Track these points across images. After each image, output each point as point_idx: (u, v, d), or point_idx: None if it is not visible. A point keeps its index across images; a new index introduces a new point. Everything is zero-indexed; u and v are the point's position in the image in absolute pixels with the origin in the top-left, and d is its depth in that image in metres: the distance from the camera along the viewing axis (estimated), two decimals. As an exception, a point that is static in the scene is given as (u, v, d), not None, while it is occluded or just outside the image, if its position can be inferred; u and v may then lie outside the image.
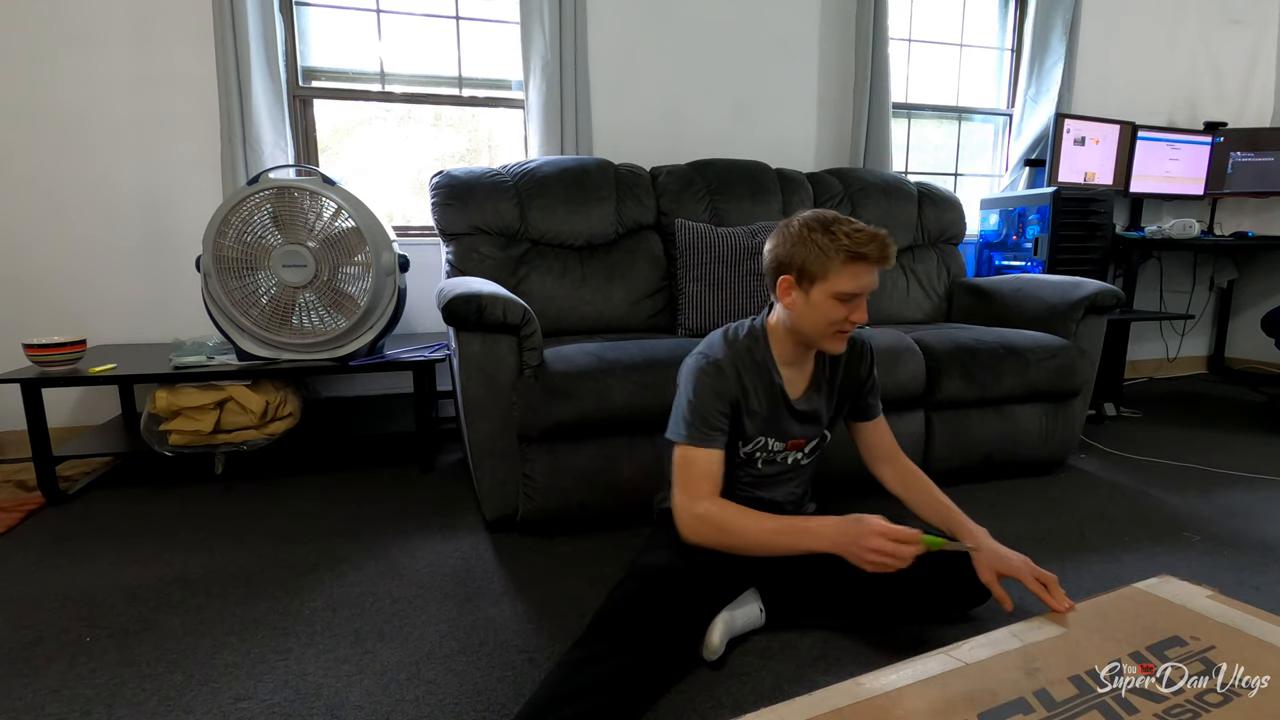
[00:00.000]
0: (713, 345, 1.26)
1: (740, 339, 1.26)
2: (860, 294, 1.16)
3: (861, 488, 1.83)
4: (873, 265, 1.15)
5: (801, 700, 0.84)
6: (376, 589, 1.41)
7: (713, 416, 1.20)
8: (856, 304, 1.17)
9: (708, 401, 1.20)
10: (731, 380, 1.22)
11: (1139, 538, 1.65)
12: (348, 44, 2.52)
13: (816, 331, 1.20)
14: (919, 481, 1.33)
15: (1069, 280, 2.18)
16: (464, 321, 1.53)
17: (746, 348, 1.25)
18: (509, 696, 1.07)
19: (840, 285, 1.15)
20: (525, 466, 1.61)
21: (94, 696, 1.08)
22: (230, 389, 1.95)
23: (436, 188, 2.21)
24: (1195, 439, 2.50)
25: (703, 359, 1.23)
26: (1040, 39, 3.11)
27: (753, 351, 1.25)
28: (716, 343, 1.26)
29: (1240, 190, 3.38)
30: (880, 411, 1.40)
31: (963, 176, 3.35)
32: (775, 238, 1.22)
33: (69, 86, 2.21)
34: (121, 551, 1.59)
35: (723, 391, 1.21)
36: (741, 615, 1.21)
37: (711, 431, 1.20)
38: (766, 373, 1.25)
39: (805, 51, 2.90)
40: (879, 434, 1.39)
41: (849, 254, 1.14)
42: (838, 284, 1.15)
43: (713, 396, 1.20)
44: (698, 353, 1.26)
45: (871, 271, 1.16)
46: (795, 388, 1.28)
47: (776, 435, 1.29)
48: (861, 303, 1.18)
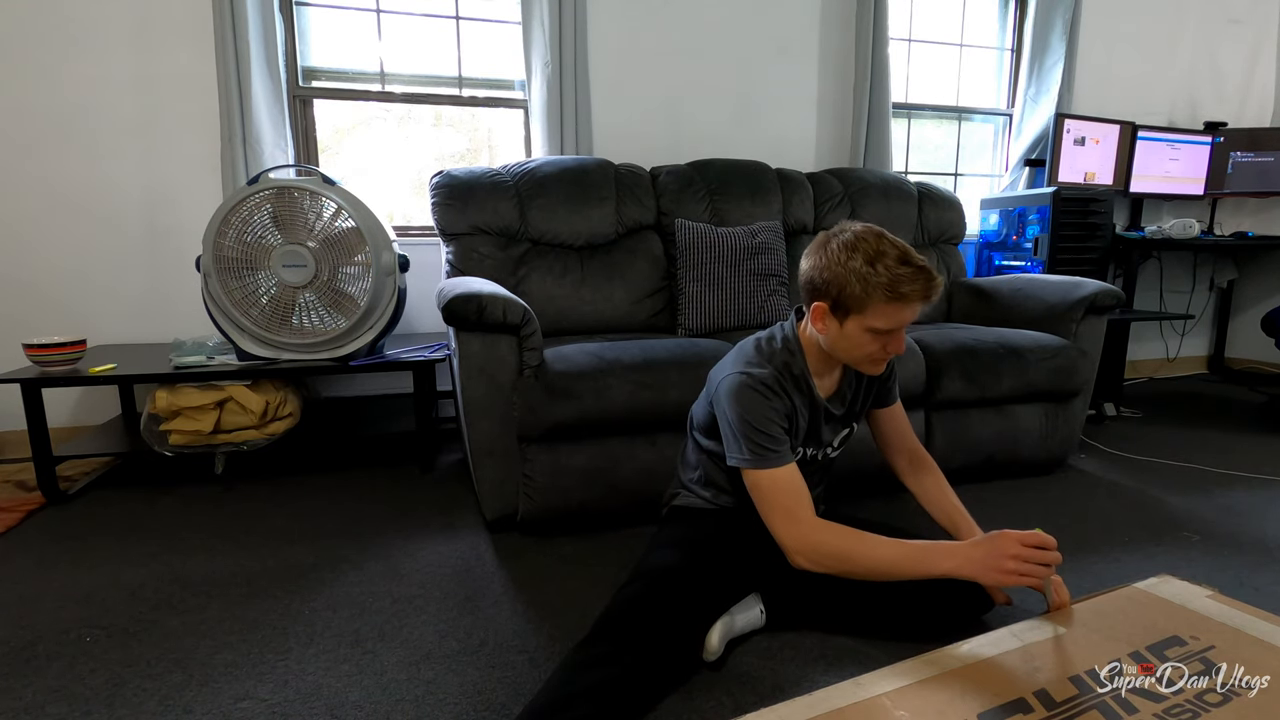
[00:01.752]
0: (750, 362, 1.19)
1: (778, 353, 1.20)
2: (899, 328, 1.11)
3: (864, 487, 1.84)
4: (915, 306, 1.09)
5: (801, 700, 0.84)
6: (376, 589, 1.41)
7: (777, 432, 1.14)
8: (894, 337, 1.12)
9: (767, 420, 1.14)
10: (783, 396, 1.17)
11: (1139, 538, 1.65)
12: (348, 44, 2.52)
13: (850, 359, 1.16)
14: (931, 476, 1.32)
15: (1069, 280, 2.18)
16: (464, 321, 1.53)
17: (785, 363, 1.20)
18: (509, 697, 1.07)
19: (877, 322, 1.09)
20: (525, 466, 1.61)
21: (94, 696, 1.08)
22: (230, 389, 1.95)
23: (436, 188, 2.21)
24: (1195, 439, 2.49)
25: (746, 378, 1.15)
26: (1040, 39, 3.11)
27: (790, 366, 1.20)
28: (753, 358, 1.19)
29: (1240, 190, 3.38)
30: (898, 398, 1.38)
31: (963, 176, 3.35)
32: (814, 256, 1.15)
33: (70, 86, 2.21)
34: (121, 551, 1.59)
35: (779, 407, 1.16)
36: (742, 618, 1.20)
37: (780, 447, 1.14)
38: (806, 385, 1.21)
39: (805, 51, 2.90)
40: (895, 421, 1.37)
41: (890, 293, 1.06)
42: (874, 320, 1.09)
43: (770, 413, 1.14)
44: (738, 371, 1.17)
45: (914, 309, 1.09)
46: (826, 390, 1.26)
47: (815, 444, 1.27)
48: (899, 335, 1.12)
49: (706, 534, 1.22)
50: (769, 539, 1.21)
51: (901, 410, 1.38)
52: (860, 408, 1.33)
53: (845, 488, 1.78)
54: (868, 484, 1.83)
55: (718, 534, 1.24)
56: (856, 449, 1.44)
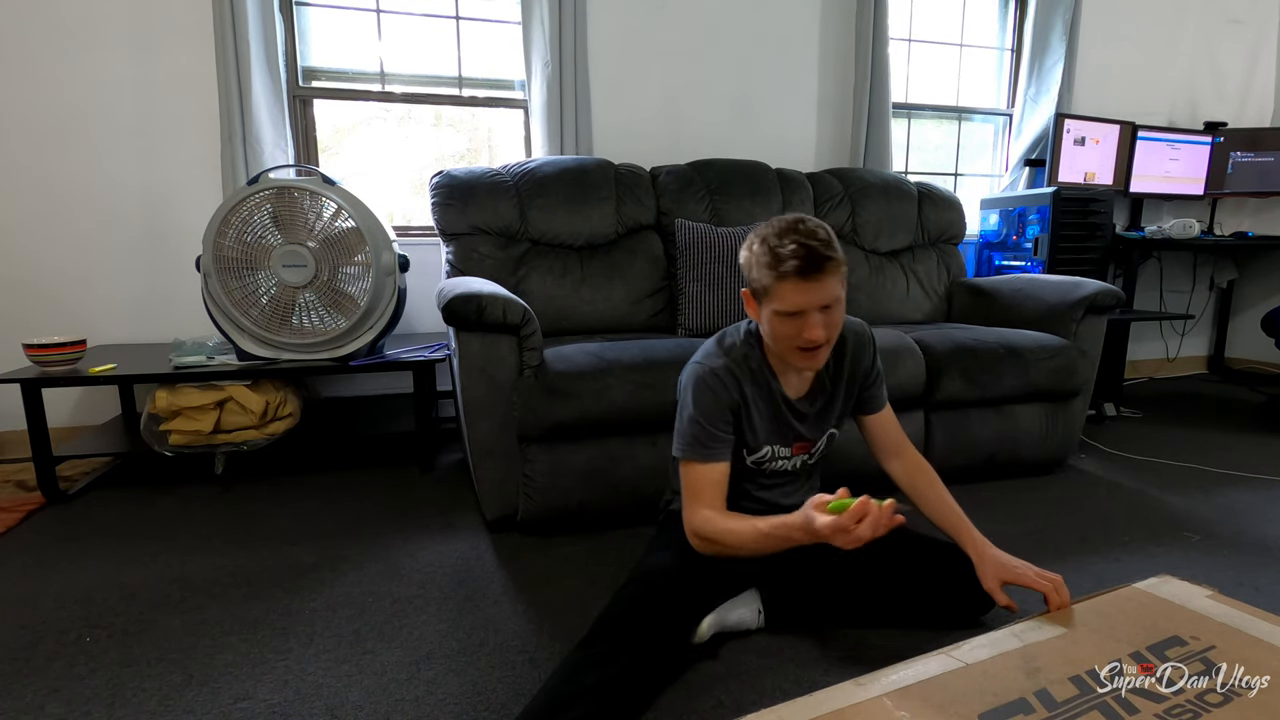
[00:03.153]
0: (709, 353, 1.21)
1: (737, 345, 1.21)
2: (805, 310, 1.07)
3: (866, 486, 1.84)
4: (806, 282, 1.05)
5: (801, 700, 0.84)
6: (376, 589, 1.41)
7: (716, 428, 1.16)
8: (805, 321, 1.07)
9: (709, 413, 1.16)
10: (731, 388, 1.18)
11: (1139, 538, 1.65)
12: (348, 44, 2.52)
13: (780, 351, 1.14)
14: (926, 479, 1.29)
15: (1069, 280, 2.18)
16: (464, 321, 1.53)
17: (743, 355, 1.20)
18: (509, 696, 1.07)
19: (778, 304, 1.07)
20: (525, 466, 1.61)
21: (94, 696, 1.08)
22: (230, 389, 1.95)
23: (436, 188, 2.21)
24: (1195, 439, 2.49)
25: (700, 368, 1.19)
26: (1040, 39, 3.11)
27: (749, 359, 1.20)
28: (712, 350, 1.22)
29: (1240, 190, 3.38)
30: (885, 403, 1.35)
31: (963, 176, 3.35)
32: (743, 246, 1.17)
33: (69, 86, 2.21)
34: (121, 551, 1.59)
35: (723, 400, 1.17)
36: (735, 614, 1.21)
37: (715, 444, 1.16)
38: (764, 379, 1.21)
39: (805, 51, 2.89)
40: (885, 427, 1.34)
41: (773, 271, 1.06)
42: (775, 302, 1.08)
43: (714, 407, 1.16)
44: (695, 361, 1.21)
45: (808, 290, 1.05)
46: (796, 390, 1.25)
47: (782, 441, 1.26)
48: (810, 320, 1.07)
49: None
50: None
51: (891, 416, 1.35)
52: (841, 411, 1.31)
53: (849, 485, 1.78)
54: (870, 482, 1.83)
55: None
56: (858, 451, 1.44)
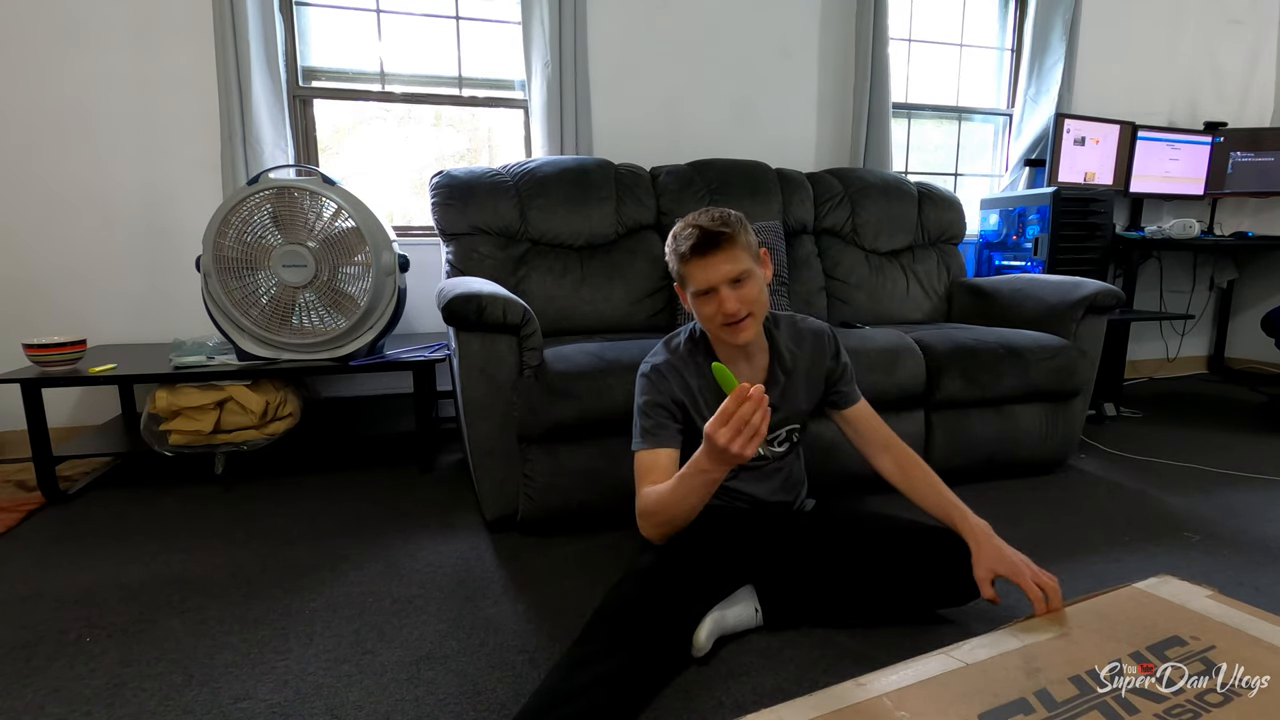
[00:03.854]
0: (654, 352, 1.29)
1: (680, 343, 1.28)
2: (714, 287, 1.14)
3: (865, 488, 1.84)
4: (705, 259, 1.13)
5: (801, 700, 0.84)
6: (376, 589, 1.41)
7: (659, 417, 1.22)
8: (717, 297, 1.15)
9: (651, 404, 1.22)
10: (673, 382, 1.23)
11: (1139, 538, 1.65)
12: (348, 44, 2.52)
13: (711, 331, 1.21)
14: (919, 472, 1.29)
15: (1069, 280, 2.18)
16: (464, 321, 1.53)
17: (688, 350, 1.27)
18: (509, 696, 1.07)
19: (692, 285, 1.17)
20: (525, 466, 1.61)
21: (94, 696, 1.08)
22: (230, 389, 1.95)
23: (436, 188, 2.21)
24: (1195, 439, 2.49)
25: (645, 365, 1.26)
26: (1040, 39, 3.11)
27: (692, 354, 1.26)
28: (658, 349, 1.29)
29: (1240, 190, 3.38)
30: (859, 398, 1.36)
31: (963, 176, 3.35)
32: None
33: (69, 86, 2.21)
34: (121, 551, 1.59)
35: (665, 392, 1.23)
36: (733, 614, 1.21)
37: (659, 431, 1.21)
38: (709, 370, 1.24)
39: (805, 51, 2.90)
40: (865, 421, 1.35)
41: (678, 255, 1.17)
42: (691, 283, 1.17)
43: (655, 398, 1.22)
44: (645, 360, 1.28)
45: (710, 265, 1.13)
46: (748, 379, 1.26)
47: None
48: (721, 295, 1.14)
49: (693, 531, 1.23)
50: (757, 534, 1.27)
51: (868, 409, 1.37)
52: (799, 403, 1.32)
53: (847, 487, 1.78)
54: (870, 483, 1.83)
55: (704, 531, 1.24)
56: (857, 454, 1.43)
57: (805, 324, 1.37)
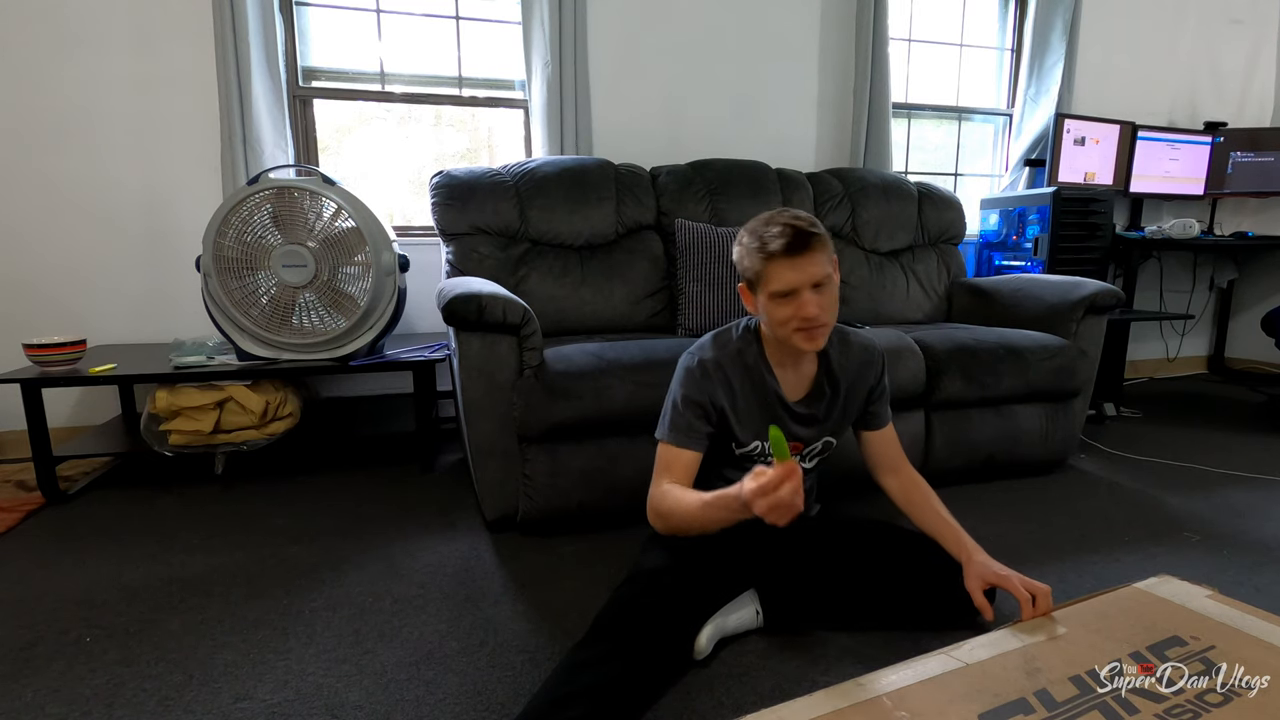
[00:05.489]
0: (704, 345, 1.25)
1: (733, 341, 1.25)
2: (797, 289, 1.12)
3: (864, 492, 1.84)
4: (795, 259, 1.11)
5: (801, 700, 0.84)
6: (376, 589, 1.41)
7: (694, 417, 1.20)
8: (798, 300, 1.12)
9: (690, 402, 1.20)
10: (717, 382, 1.21)
11: (1139, 538, 1.65)
12: (348, 44, 2.52)
13: (781, 336, 1.18)
14: (921, 494, 1.31)
15: (1069, 280, 2.18)
16: (464, 321, 1.53)
17: (738, 350, 1.24)
18: (509, 696, 1.07)
19: (772, 285, 1.13)
20: (525, 466, 1.61)
21: (94, 696, 1.08)
22: (230, 389, 1.95)
23: (436, 188, 2.21)
24: (1195, 439, 2.49)
25: (691, 358, 1.24)
26: (1040, 39, 3.11)
27: (744, 354, 1.24)
28: (707, 343, 1.26)
29: (1240, 190, 3.38)
30: (888, 420, 1.37)
31: (963, 176, 3.35)
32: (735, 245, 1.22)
33: (69, 87, 2.21)
34: (121, 551, 1.59)
35: (706, 391, 1.20)
36: (734, 618, 1.21)
37: (690, 434, 1.20)
38: (759, 375, 1.23)
39: (805, 51, 2.89)
40: (885, 444, 1.36)
41: (763, 253, 1.12)
42: (770, 284, 1.13)
43: (695, 396, 1.20)
44: (690, 351, 1.26)
45: (798, 266, 1.11)
46: (794, 390, 1.26)
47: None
48: (803, 298, 1.12)
49: (701, 537, 1.23)
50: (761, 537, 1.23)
51: (893, 434, 1.37)
52: (839, 418, 1.32)
53: (844, 488, 1.78)
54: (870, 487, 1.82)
55: (712, 537, 1.24)
56: (853, 455, 1.43)
57: (856, 338, 1.34)
